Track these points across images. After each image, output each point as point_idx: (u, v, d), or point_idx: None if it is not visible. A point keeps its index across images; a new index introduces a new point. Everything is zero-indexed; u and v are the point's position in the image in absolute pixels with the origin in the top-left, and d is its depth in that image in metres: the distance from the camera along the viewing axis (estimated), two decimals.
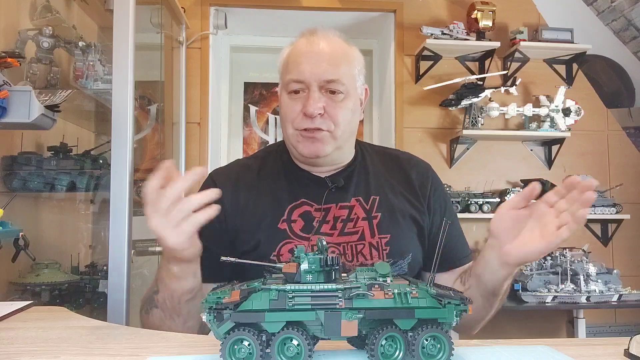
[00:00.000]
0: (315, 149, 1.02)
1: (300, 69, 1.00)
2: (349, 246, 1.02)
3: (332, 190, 1.07)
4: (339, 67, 1.01)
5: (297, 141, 1.03)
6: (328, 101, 1.01)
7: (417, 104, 3.00)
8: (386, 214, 1.06)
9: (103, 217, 1.75)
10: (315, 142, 1.01)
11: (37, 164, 1.61)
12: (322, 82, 1.00)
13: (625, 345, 0.65)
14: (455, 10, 3.04)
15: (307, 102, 0.99)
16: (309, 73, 0.99)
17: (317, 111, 0.99)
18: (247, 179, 1.10)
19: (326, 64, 1.00)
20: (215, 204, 0.82)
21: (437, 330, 0.57)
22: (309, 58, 1.01)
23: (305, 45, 1.03)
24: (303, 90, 1.01)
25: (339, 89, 1.01)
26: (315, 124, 1.00)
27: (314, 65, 1.00)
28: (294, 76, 1.01)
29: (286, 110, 1.04)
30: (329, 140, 1.02)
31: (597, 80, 3.17)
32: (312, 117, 0.99)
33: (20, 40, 1.62)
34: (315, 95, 0.99)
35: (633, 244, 3.01)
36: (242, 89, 3.50)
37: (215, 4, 2.92)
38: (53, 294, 1.62)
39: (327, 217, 1.04)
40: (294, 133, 1.03)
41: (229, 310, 0.56)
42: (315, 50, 1.02)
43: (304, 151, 1.03)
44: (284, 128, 1.06)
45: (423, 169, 1.16)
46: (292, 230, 1.02)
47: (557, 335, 2.93)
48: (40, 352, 0.68)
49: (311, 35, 1.05)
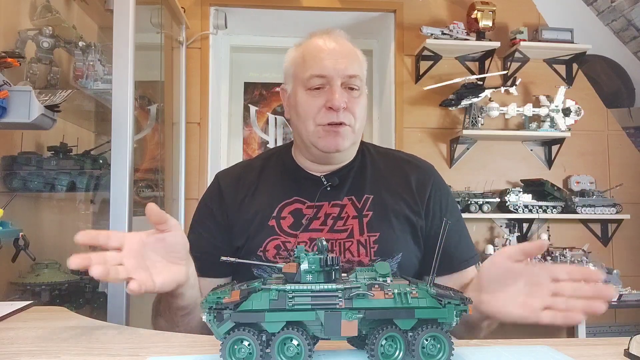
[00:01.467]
0: (336, 143, 1.03)
1: (322, 64, 1.02)
2: (337, 243, 1.03)
3: (327, 189, 1.08)
4: (356, 65, 1.05)
5: (319, 137, 1.04)
6: (348, 97, 1.03)
7: (417, 104, 3.00)
8: (378, 212, 1.06)
9: (103, 217, 1.75)
10: (337, 136, 1.03)
11: (37, 164, 1.61)
12: (345, 77, 1.02)
13: (625, 345, 0.65)
14: (455, 10, 3.04)
15: (332, 96, 1.01)
16: (332, 68, 1.01)
17: (343, 104, 1.01)
18: (248, 178, 1.13)
19: (347, 60, 1.03)
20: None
21: (437, 330, 0.57)
22: (330, 54, 1.03)
23: (323, 43, 1.05)
24: (323, 86, 1.03)
25: (357, 85, 1.04)
26: (340, 117, 1.02)
27: (336, 60, 1.02)
28: (316, 71, 1.02)
29: (307, 106, 1.04)
30: (349, 135, 1.04)
31: (597, 80, 3.17)
32: (337, 111, 1.01)
33: (20, 40, 1.63)
34: (339, 89, 1.02)
35: (633, 244, 3.01)
36: (242, 89, 3.50)
37: (215, 4, 2.92)
38: (53, 294, 1.62)
39: (318, 214, 1.06)
40: (316, 129, 1.04)
41: (229, 310, 0.56)
42: (334, 47, 1.04)
43: (326, 146, 1.03)
44: (303, 125, 1.05)
45: (424, 171, 1.15)
46: (279, 227, 1.04)
47: (557, 335, 2.93)
48: (40, 352, 0.68)
49: (326, 34, 1.08)
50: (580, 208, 2.83)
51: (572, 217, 2.89)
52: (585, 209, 2.84)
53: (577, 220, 2.97)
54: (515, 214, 2.82)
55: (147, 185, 2.42)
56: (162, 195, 2.44)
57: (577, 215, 2.85)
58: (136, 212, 1.57)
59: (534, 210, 2.84)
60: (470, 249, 1.11)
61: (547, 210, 2.86)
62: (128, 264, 0.74)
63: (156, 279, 0.76)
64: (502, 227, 2.97)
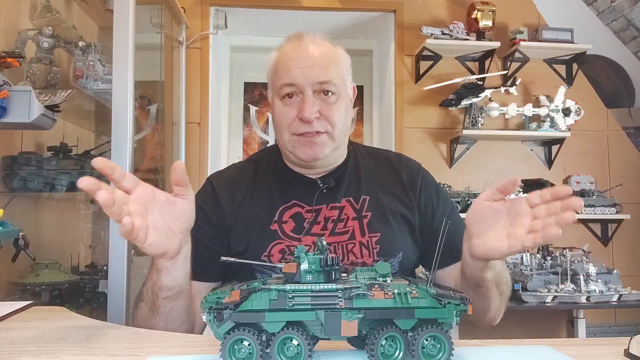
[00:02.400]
0: (314, 152, 1.02)
1: (292, 73, 1.00)
2: (339, 246, 1.03)
3: (323, 191, 1.07)
4: (330, 69, 1.02)
5: (294, 146, 1.03)
6: (322, 103, 1.01)
7: (417, 104, 3.00)
8: (376, 213, 1.07)
9: (103, 217, 1.75)
10: (313, 145, 1.01)
11: (37, 164, 1.61)
12: (315, 84, 1.00)
13: (625, 345, 0.65)
14: (455, 10, 3.04)
15: (303, 106, 0.99)
16: (301, 76, 0.99)
17: (314, 115, 0.99)
18: (243, 181, 1.11)
19: (317, 67, 1.00)
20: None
21: (437, 330, 0.57)
22: (300, 61, 1.00)
23: (294, 50, 1.03)
24: (296, 95, 1.01)
25: (331, 89, 1.01)
26: (313, 127, 1.00)
27: (306, 68, 0.99)
28: (285, 80, 1.00)
29: (281, 116, 1.03)
30: (327, 142, 1.03)
31: (597, 80, 3.17)
32: (309, 122, 0.99)
33: (20, 40, 1.63)
34: (309, 99, 0.99)
35: (633, 244, 3.01)
36: (242, 89, 3.50)
37: (215, 4, 2.92)
38: (53, 294, 1.62)
39: (317, 218, 1.05)
40: (291, 139, 1.03)
41: (229, 310, 0.56)
42: (304, 54, 1.01)
43: (303, 156, 1.02)
44: (279, 134, 1.05)
45: (413, 168, 1.17)
46: (282, 231, 1.03)
47: (557, 335, 2.93)
48: (40, 352, 0.68)
49: (298, 40, 1.05)
50: (580, 208, 2.83)
51: None
52: (585, 209, 2.84)
53: (577, 220, 2.96)
54: None
55: None
56: None
57: (577, 215, 2.84)
58: None
59: None
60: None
61: None
62: (132, 207, 0.73)
63: (149, 234, 0.75)
64: None
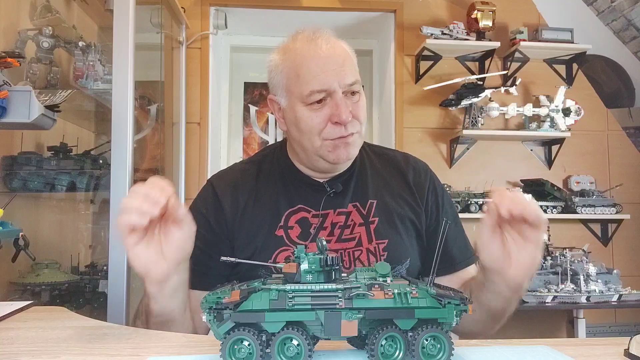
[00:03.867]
0: (348, 153, 0.99)
1: (320, 78, 0.95)
2: (346, 252, 1.01)
3: (330, 195, 1.05)
4: (352, 68, 0.99)
5: (329, 151, 0.99)
6: (350, 103, 0.98)
7: (417, 104, 3.00)
8: (383, 218, 1.04)
9: (103, 217, 1.76)
10: (348, 147, 0.99)
11: (37, 164, 1.61)
12: (346, 86, 0.97)
13: (625, 345, 0.65)
14: (455, 10, 3.04)
15: (338, 110, 0.95)
16: (332, 81, 0.95)
17: (349, 117, 0.96)
18: (245, 184, 1.07)
19: (345, 68, 0.97)
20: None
21: (437, 330, 0.57)
22: (326, 64, 0.96)
23: (314, 52, 0.97)
24: (325, 99, 0.97)
25: (357, 89, 0.99)
26: (348, 130, 0.97)
27: (335, 72, 0.95)
28: (315, 87, 0.95)
29: (310, 122, 0.97)
30: (358, 141, 1.02)
31: (597, 80, 3.17)
32: (345, 125, 0.96)
33: (20, 40, 1.63)
34: (343, 102, 0.96)
35: (633, 244, 3.01)
36: (242, 89, 3.50)
37: (215, 4, 2.92)
38: (53, 294, 1.62)
39: (324, 224, 1.02)
40: (324, 144, 0.98)
41: (229, 310, 0.56)
42: (327, 55, 0.97)
43: (337, 158, 0.99)
44: (308, 142, 0.99)
45: (420, 170, 1.14)
46: (288, 237, 1.00)
47: (557, 335, 2.93)
48: (40, 352, 0.68)
49: (312, 41, 0.99)
50: (580, 208, 2.83)
51: (572, 217, 2.89)
52: (585, 209, 2.84)
53: (577, 220, 2.97)
54: None
55: None
56: None
57: (577, 215, 2.85)
58: None
59: None
60: (468, 248, 1.11)
61: (547, 210, 2.85)
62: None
63: (140, 243, 0.77)
64: None
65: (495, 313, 0.95)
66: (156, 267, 0.79)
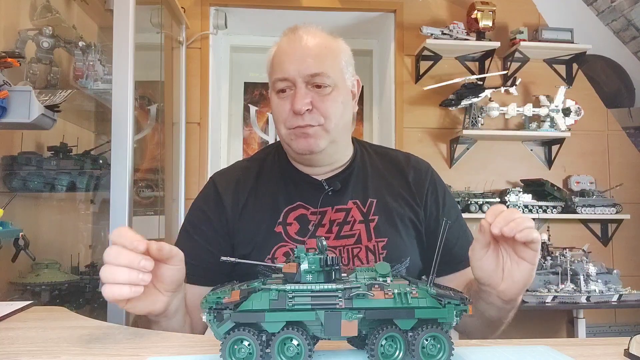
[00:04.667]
0: (308, 144, 1.00)
1: (284, 67, 0.99)
2: (345, 249, 1.01)
3: (329, 193, 1.05)
4: (323, 61, 1.00)
5: (291, 139, 1.02)
6: (315, 96, 0.99)
7: (417, 104, 3.00)
8: (383, 217, 1.05)
9: (103, 217, 1.75)
10: (307, 137, 1.00)
11: (37, 164, 1.61)
12: (307, 77, 0.98)
13: (625, 345, 0.65)
14: (455, 10, 3.04)
15: (294, 99, 0.98)
16: (293, 70, 0.98)
17: (305, 107, 0.97)
18: (246, 182, 1.09)
19: (310, 59, 0.99)
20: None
21: (437, 330, 0.57)
22: (292, 55, 1.00)
23: (287, 44, 1.02)
24: (290, 88, 1.00)
25: (324, 82, 0.99)
26: (305, 120, 0.98)
27: (297, 61, 0.98)
28: (279, 75, 1.00)
29: (277, 110, 1.03)
30: (322, 134, 1.01)
31: (597, 80, 3.17)
32: (300, 114, 0.98)
33: (20, 40, 1.62)
34: (301, 91, 0.98)
35: (633, 244, 3.01)
36: (242, 89, 3.50)
37: (215, 4, 2.92)
38: (53, 294, 1.62)
39: (322, 221, 1.03)
40: (287, 132, 1.02)
41: (229, 310, 0.56)
42: (297, 46, 1.00)
43: (298, 148, 1.01)
44: (278, 129, 1.05)
45: (421, 169, 1.14)
46: (287, 234, 1.01)
47: (557, 335, 2.93)
48: (40, 352, 0.68)
49: (292, 33, 1.03)
50: (580, 208, 2.83)
51: (572, 217, 2.89)
52: (585, 209, 2.84)
53: (577, 220, 2.97)
54: None
55: (147, 185, 2.42)
56: (162, 195, 2.44)
57: (577, 215, 2.85)
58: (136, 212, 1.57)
59: (534, 210, 2.84)
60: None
61: (547, 210, 2.86)
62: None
63: (129, 303, 0.75)
64: None
65: (491, 322, 0.94)
66: (155, 306, 0.80)
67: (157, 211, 2.36)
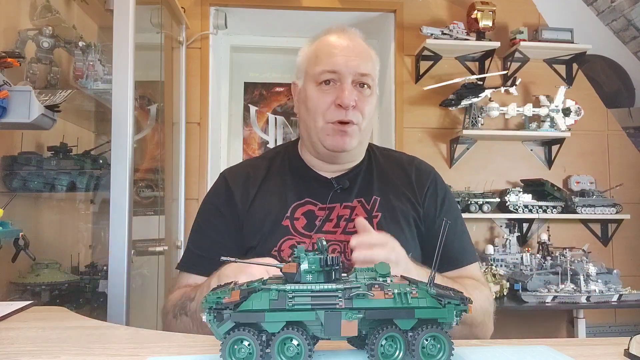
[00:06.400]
0: (343, 142, 1.03)
1: (334, 60, 1.02)
2: (349, 245, 1.03)
3: (337, 191, 1.08)
4: (369, 64, 1.05)
5: (327, 134, 1.04)
6: (359, 94, 1.03)
7: (417, 104, 3.00)
8: (386, 214, 1.07)
9: (103, 217, 1.75)
10: (344, 135, 1.03)
11: (37, 164, 1.61)
12: (357, 75, 1.02)
13: (625, 345, 0.65)
14: (455, 10, 3.04)
15: (342, 93, 1.01)
16: (344, 64, 1.01)
17: (352, 102, 1.01)
18: (256, 177, 1.12)
19: (360, 59, 1.03)
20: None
21: (437, 330, 0.57)
22: (343, 50, 1.03)
23: (338, 39, 1.05)
24: (334, 82, 1.03)
25: (368, 83, 1.04)
26: (349, 116, 1.02)
27: (348, 57, 1.02)
28: (327, 67, 1.02)
29: (316, 102, 1.04)
30: (356, 133, 1.05)
31: (597, 80, 3.17)
32: (346, 109, 1.01)
33: (20, 40, 1.62)
34: (349, 86, 1.02)
35: (633, 244, 3.01)
36: (242, 89, 3.50)
37: (215, 4, 2.92)
38: (53, 294, 1.62)
39: (330, 216, 1.06)
40: (325, 126, 1.04)
41: (229, 310, 0.56)
42: (347, 44, 1.04)
43: (333, 145, 1.04)
44: (312, 121, 1.05)
45: (424, 170, 1.17)
46: (294, 227, 1.04)
47: (557, 335, 2.93)
48: (40, 352, 0.68)
49: (341, 32, 1.08)
50: (580, 208, 2.83)
51: (572, 217, 2.89)
52: (585, 209, 2.84)
53: (577, 220, 2.97)
54: (515, 214, 2.82)
55: (147, 185, 2.42)
56: (162, 195, 2.44)
57: (577, 215, 2.85)
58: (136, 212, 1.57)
59: (534, 210, 2.84)
60: (467, 249, 1.12)
61: (547, 210, 2.86)
62: None
63: None
64: (502, 227, 2.97)
65: (465, 336, 0.93)
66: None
67: (157, 211, 2.36)
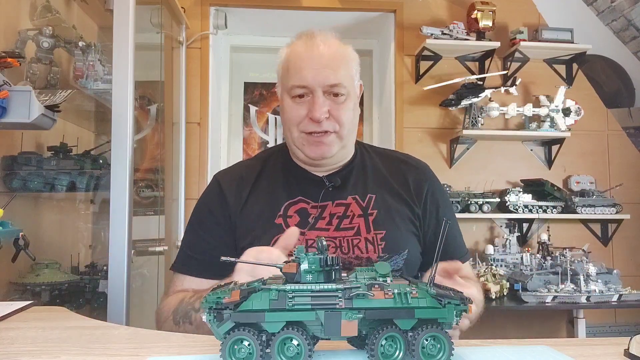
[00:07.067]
0: (322, 151, 1.05)
1: (302, 74, 1.02)
2: (345, 240, 1.04)
3: (330, 189, 1.09)
4: (340, 71, 1.03)
5: (303, 144, 1.06)
6: (331, 104, 1.03)
7: (417, 104, 3.00)
8: (382, 211, 1.08)
9: (103, 217, 1.75)
10: (321, 145, 1.04)
11: (37, 164, 1.61)
12: (326, 87, 1.02)
13: (625, 345, 0.65)
14: (455, 10, 3.04)
15: (313, 107, 1.01)
16: (312, 79, 1.01)
17: (323, 116, 1.02)
18: (249, 178, 1.13)
19: (328, 69, 1.02)
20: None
21: (437, 330, 0.57)
22: (310, 63, 1.02)
23: (305, 50, 1.04)
24: (307, 95, 1.03)
25: (341, 91, 1.04)
26: (322, 127, 1.03)
27: (316, 70, 1.01)
28: (296, 82, 1.03)
29: (290, 115, 1.05)
30: (335, 141, 1.06)
31: (597, 80, 3.17)
32: (319, 122, 1.02)
33: (20, 40, 1.62)
34: (320, 100, 1.02)
35: (633, 244, 3.01)
36: (242, 89, 3.50)
37: (215, 4, 2.92)
38: (53, 294, 1.62)
39: (323, 214, 1.07)
40: (300, 136, 1.05)
41: (229, 310, 0.56)
42: (315, 54, 1.03)
43: (311, 154, 1.05)
44: (288, 131, 1.07)
45: (420, 171, 1.18)
46: (287, 225, 1.04)
47: (557, 335, 2.93)
48: (40, 352, 0.68)
49: (309, 39, 1.06)
50: (580, 208, 2.83)
51: (572, 217, 2.89)
52: (585, 209, 2.84)
53: (577, 220, 2.97)
54: (515, 214, 2.82)
55: (147, 185, 2.42)
56: (162, 195, 2.44)
57: (577, 215, 2.85)
58: (136, 212, 1.57)
59: (534, 210, 2.84)
60: (462, 246, 1.16)
61: (547, 210, 2.86)
62: None
63: None
64: (502, 227, 2.97)
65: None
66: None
67: (157, 211, 2.36)
